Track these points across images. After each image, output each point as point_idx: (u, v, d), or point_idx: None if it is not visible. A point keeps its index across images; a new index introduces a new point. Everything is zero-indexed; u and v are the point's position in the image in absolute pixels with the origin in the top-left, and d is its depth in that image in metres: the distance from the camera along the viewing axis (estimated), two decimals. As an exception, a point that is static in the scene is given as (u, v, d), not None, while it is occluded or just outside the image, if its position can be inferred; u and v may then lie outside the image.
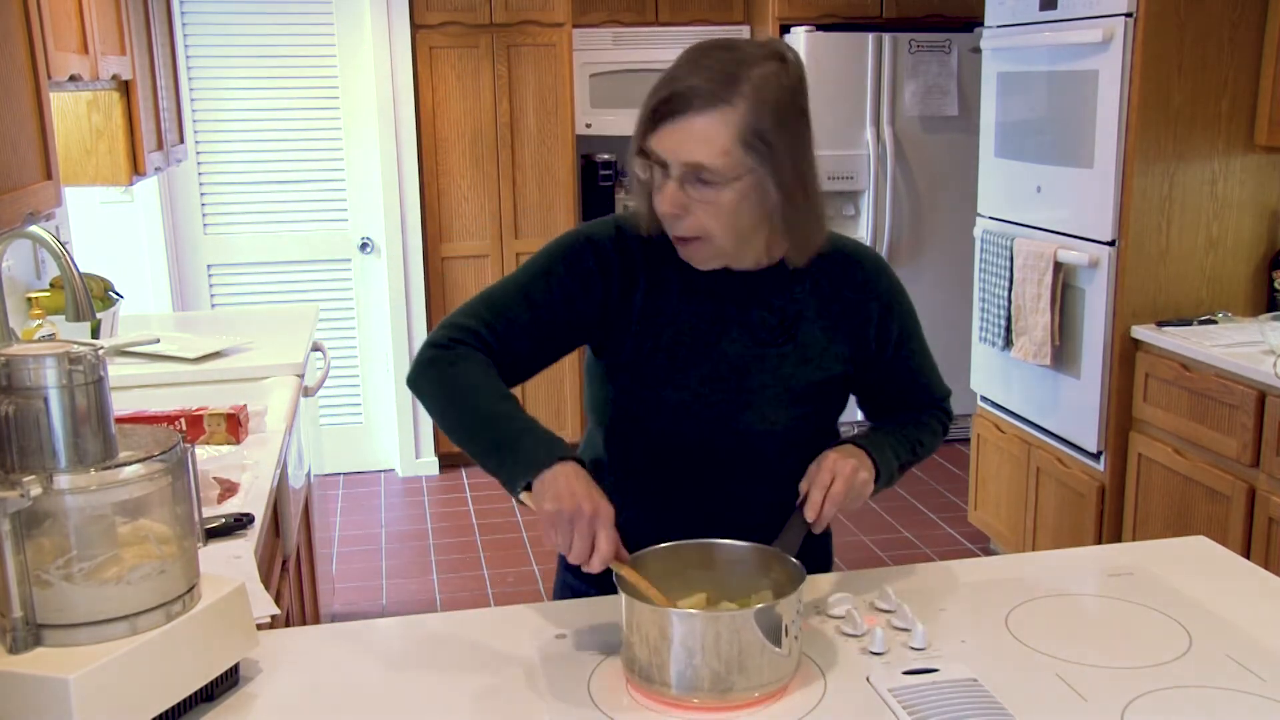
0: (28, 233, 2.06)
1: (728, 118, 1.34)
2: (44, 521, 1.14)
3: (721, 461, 1.52)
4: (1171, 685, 1.27)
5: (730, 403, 1.49)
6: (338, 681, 1.33)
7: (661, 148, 1.36)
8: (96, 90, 2.93)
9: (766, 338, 1.49)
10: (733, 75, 1.34)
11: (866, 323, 1.54)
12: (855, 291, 1.53)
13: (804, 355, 1.50)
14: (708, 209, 1.37)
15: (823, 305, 1.52)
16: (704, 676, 1.21)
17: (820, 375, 1.52)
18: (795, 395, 1.51)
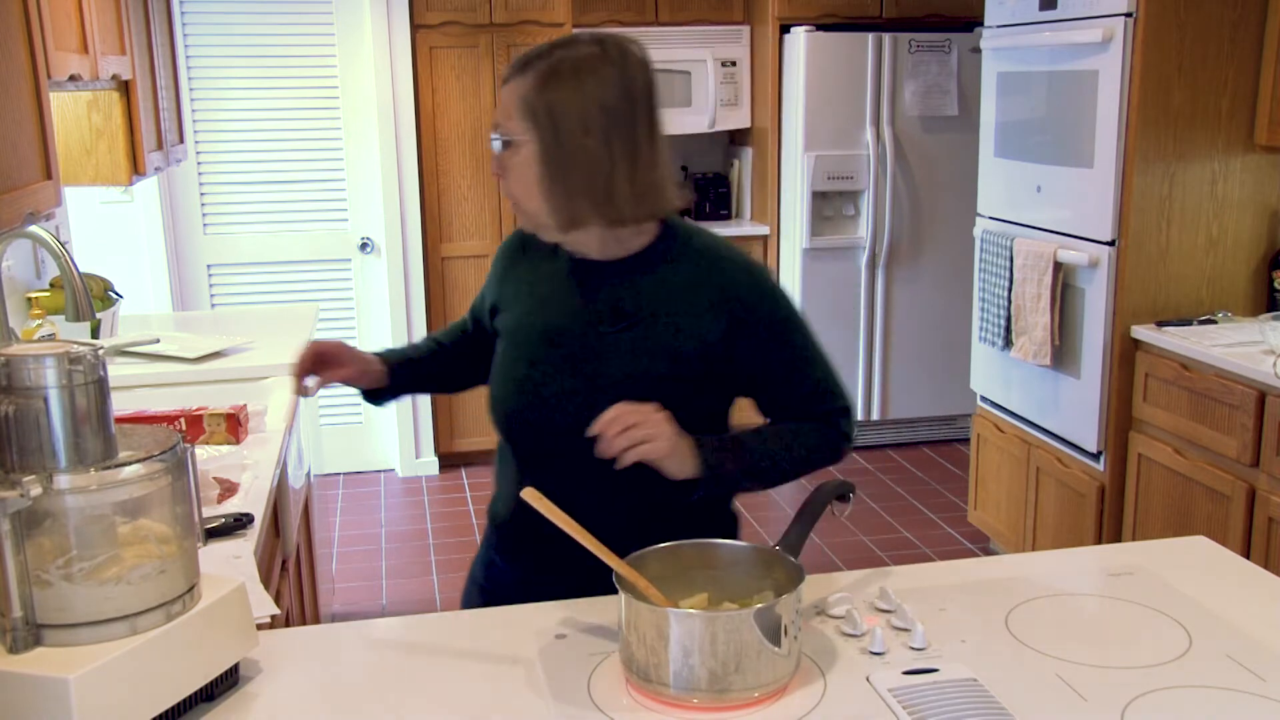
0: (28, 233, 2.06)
1: (519, 86, 1.45)
2: (44, 521, 1.14)
3: (564, 446, 1.53)
4: (1171, 685, 1.27)
5: (568, 387, 1.53)
6: (338, 681, 1.33)
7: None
8: (96, 90, 2.93)
9: (607, 326, 1.53)
10: (543, 52, 1.46)
11: (715, 327, 1.53)
12: (710, 294, 1.53)
13: (642, 346, 1.52)
14: (510, 173, 1.48)
15: (671, 300, 1.53)
16: (701, 676, 1.21)
17: (658, 368, 1.52)
18: (632, 384, 1.50)
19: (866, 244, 5.04)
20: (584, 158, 1.44)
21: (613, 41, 1.47)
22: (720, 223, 5.33)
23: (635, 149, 1.46)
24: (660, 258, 1.55)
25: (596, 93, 1.43)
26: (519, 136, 1.45)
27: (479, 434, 5.08)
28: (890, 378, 5.22)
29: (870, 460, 5.16)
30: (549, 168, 1.45)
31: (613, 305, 1.54)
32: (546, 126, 1.44)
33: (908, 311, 5.17)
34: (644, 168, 1.47)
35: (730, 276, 1.55)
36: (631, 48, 1.47)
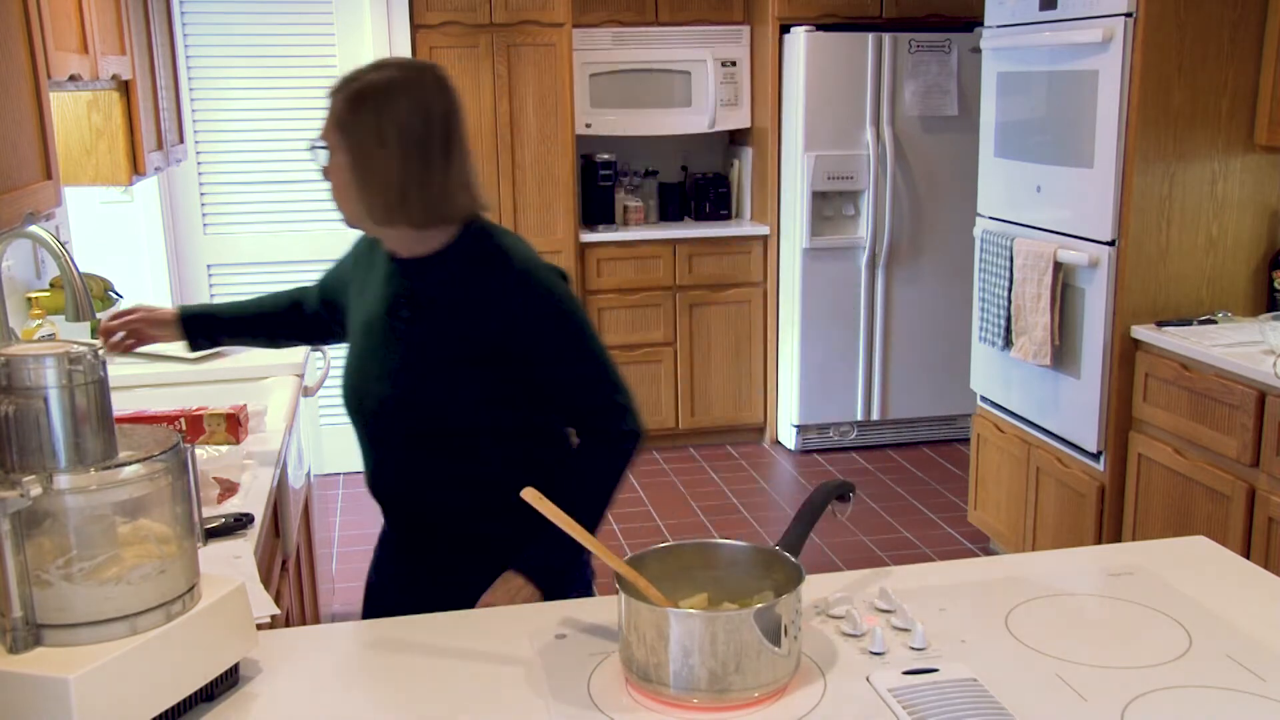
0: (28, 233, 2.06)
1: (334, 104, 1.69)
2: (44, 521, 1.14)
3: (384, 426, 1.77)
4: (1171, 685, 1.27)
5: (368, 373, 1.78)
6: (338, 681, 1.33)
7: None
8: (96, 90, 2.93)
9: (402, 315, 1.75)
10: (355, 76, 1.68)
11: (489, 323, 1.70)
12: (484, 294, 1.71)
13: (428, 336, 1.72)
14: (329, 177, 1.73)
15: (455, 295, 1.72)
16: (701, 676, 1.21)
17: (441, 356, 1.71)
18: (417, 372, 1.72)
19: (866, 244, 5.04)
20: (381, 168, 1.67)
21: (414, 68, 1.71)
22: (720, 223, 5.33)
23: (429, 163, 1.67)
24: (454, 257, 1.73)
25: (393, 114, 1.66)
26: (331, 144, 1.69)
27: (479, 434, 5.08)
28: (890, 378, 5.22)
29: (870, 460, 5.16)
30: (355, 174, 1.68)
31: (407, 297, 1.74)
32: (353, 140, 1.67)
33: (908, 311, 5.17)
34: (437, 179, 1.68)
35: (508, 278, 1.71)
36: (430, 75, 1.71)
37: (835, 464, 5.14)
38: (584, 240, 5.05)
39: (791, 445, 5.27)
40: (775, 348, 5.31)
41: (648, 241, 5.12)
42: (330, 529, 4.48)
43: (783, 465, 5.15)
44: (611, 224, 5.22)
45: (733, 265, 5.23)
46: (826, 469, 5.08)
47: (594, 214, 5.20)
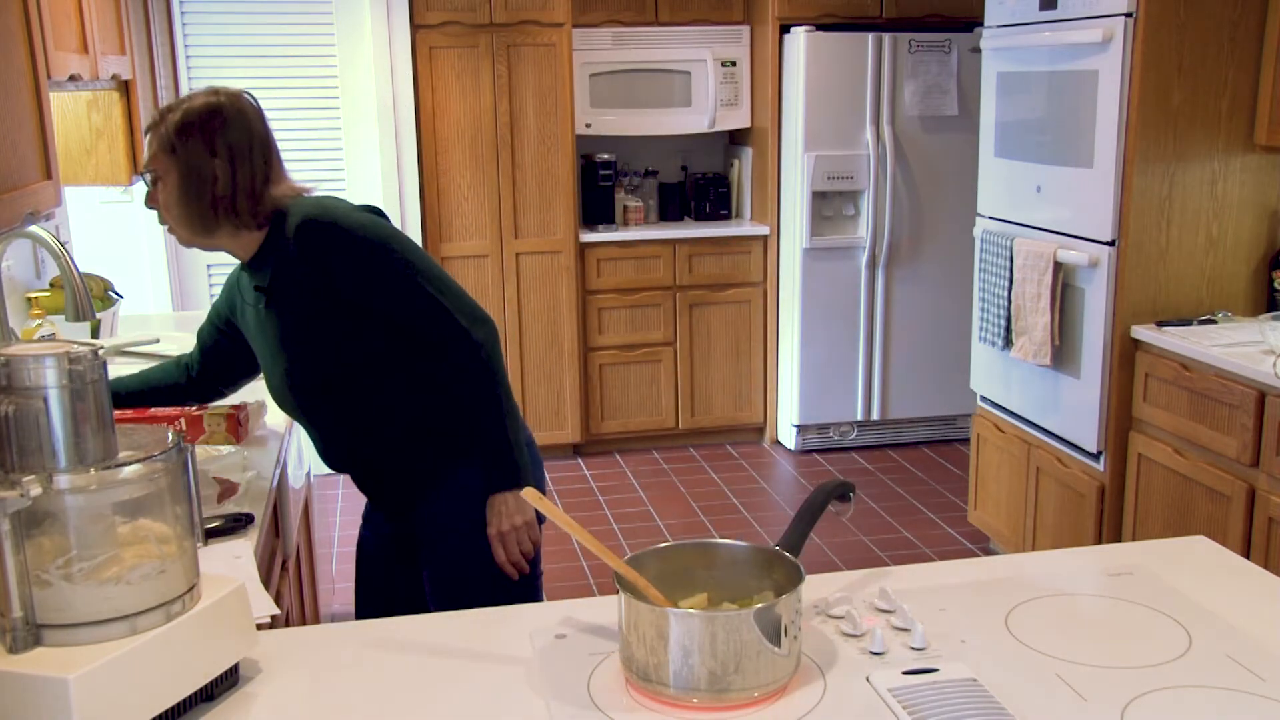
0: (28, 233, 2.06)
1: (160, 133, 1.89)
2: (44, 521, 1.14)
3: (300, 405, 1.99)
4: (1171, 685, 1.27)
5: (271, 365, 1.99)
6: (338, 681, 1.33)
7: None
8: (96, 90, 2.93)
9: (261, 308, 1.96)
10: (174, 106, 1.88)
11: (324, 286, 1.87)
12: (299, 263, 1.89)
13: (282, 316, 1.92)
14: (160, 200, 1.94)
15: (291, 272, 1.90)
16: (701, 676, 1.21)
17: (303, 328, 1.91)
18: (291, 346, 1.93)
19: (866, 244, 5.04)
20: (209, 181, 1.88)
21: (228, 94, 1.91)
22: (720, 223, 5.33)
23: (251, 172, 1.89)
24: (274, 245, 1.92)
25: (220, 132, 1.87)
26: (160, 169, 1.89)
27: (479, 434, 5.08)
28: (890, 378, 5.22)
29: (870, 460, 5.16)
30: (184, 190, 1.89)
31: (264, 290, 1.94)
32: (182, 159, 1.87)
33: (908, 311, 5.17)
34: (259, 185, 1.90)
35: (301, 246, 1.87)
36: (245, 100, 1.92)
37: (835, 464, 5.14)
38: (584, 240, 5.05)
39: (791, 445, 5.28)
40: (775, 348, 5.31)
41: (648, 241, 5.12)
42: (330, 529, 4.48)
43: (783, 465, 5.15)
44: (611, 224, 5.22)
45: (733, 265, 5.23)
46: (826, 469, 5.08)
47: (594, 214, 5.20)
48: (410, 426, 1.97)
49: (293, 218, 1.89)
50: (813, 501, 1.48)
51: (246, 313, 2.03)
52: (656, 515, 4.53)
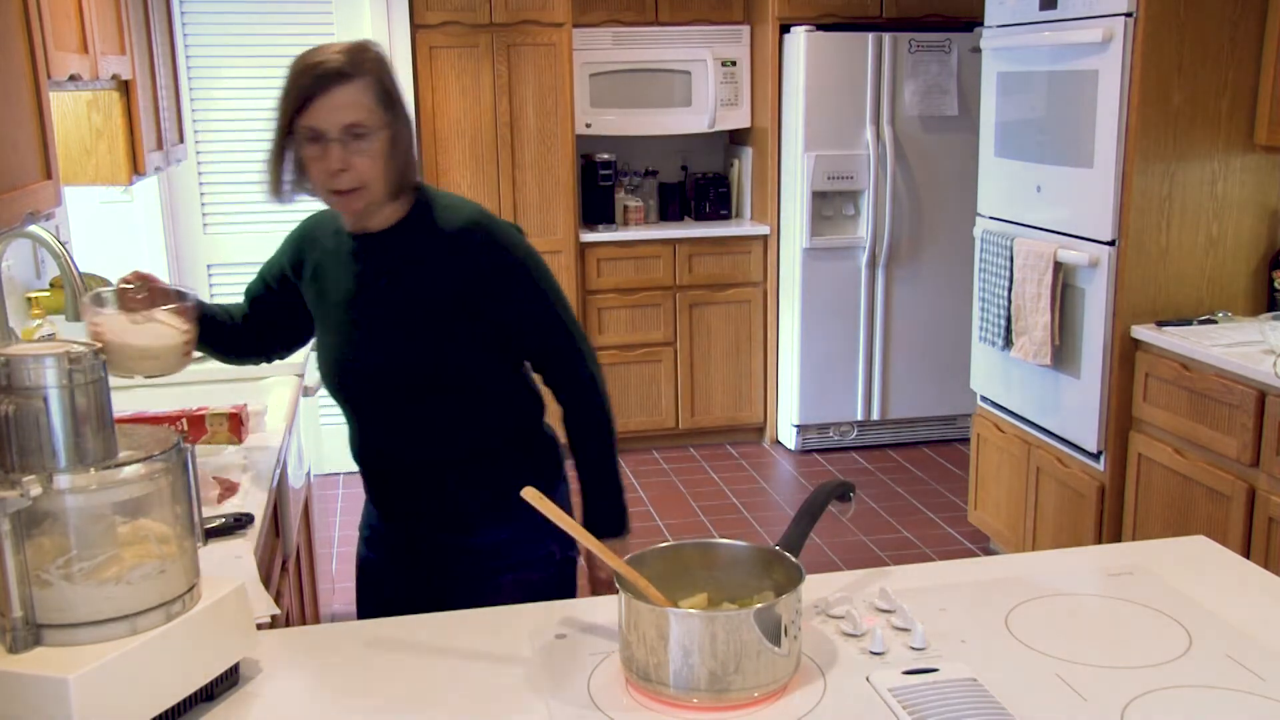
0: (28, 232, 2.06)
1: (362, 85, 1.69)
2: (44, 521, 1.14)
3: (368, 389, 1.84)
4: (1171, 685, 1.27)
5: (356, 340, 1.83)
6: (338, 681, 1.33)
7: (319, 120, 1.69)
8: (96, 90, 2.93)
9: (379, 283, 1.80)
10: (348, 56, 1.70)
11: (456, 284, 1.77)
12: (449, 253, 1.78)
13: (404, 302, 1.79)
14: (363, 159, 1.70)
15: (429, 254, 1.79)
16: (701, 676, 1.21)
17: (425, 313, 1.78)
18: (405, 328, 1.78)
19: (866, 244, 5.04)
20: (409, 135, 1.77)
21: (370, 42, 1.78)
22: (720, 223, 5.33)
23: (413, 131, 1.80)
24: (415, 222, 1.80)
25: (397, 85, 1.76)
26: (377, 128, 1.70)
27: (479, 434, 5.08)
28: (890, 378, 5.22)
29: (870, 460, 5.16)
30: (397, 147, 1.73)
31: (385, 266, 1.80)
32: (398, 113, 1.73)
33: (908, 311, 5.17)
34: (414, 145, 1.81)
35: (471, 235, 1.79)
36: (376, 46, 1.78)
37: (835, 464, 5.14)
38: (584, 240, 5.05)
39: (791, 445, 5.28)
40: (775, 347, 5.31)
41: (648, 241, 5.12)
42: (330, 529, 4.48)
43: (783, 465, 5.15)
44: (611, 224, 5.22)
45: (733, 265, 5.23)
46: (826, 469, 5.08)
47: (594, 214, 5.20)
48: (480, 446, 1.85)
49: (448, 211, 1.81)
50: (813, 501, 1.48)
51: (332, 280, 1.86)
52: (656, 515, 4.53)
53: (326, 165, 1.70)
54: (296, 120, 1.72)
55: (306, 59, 1.73)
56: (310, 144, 1.71)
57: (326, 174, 1.71)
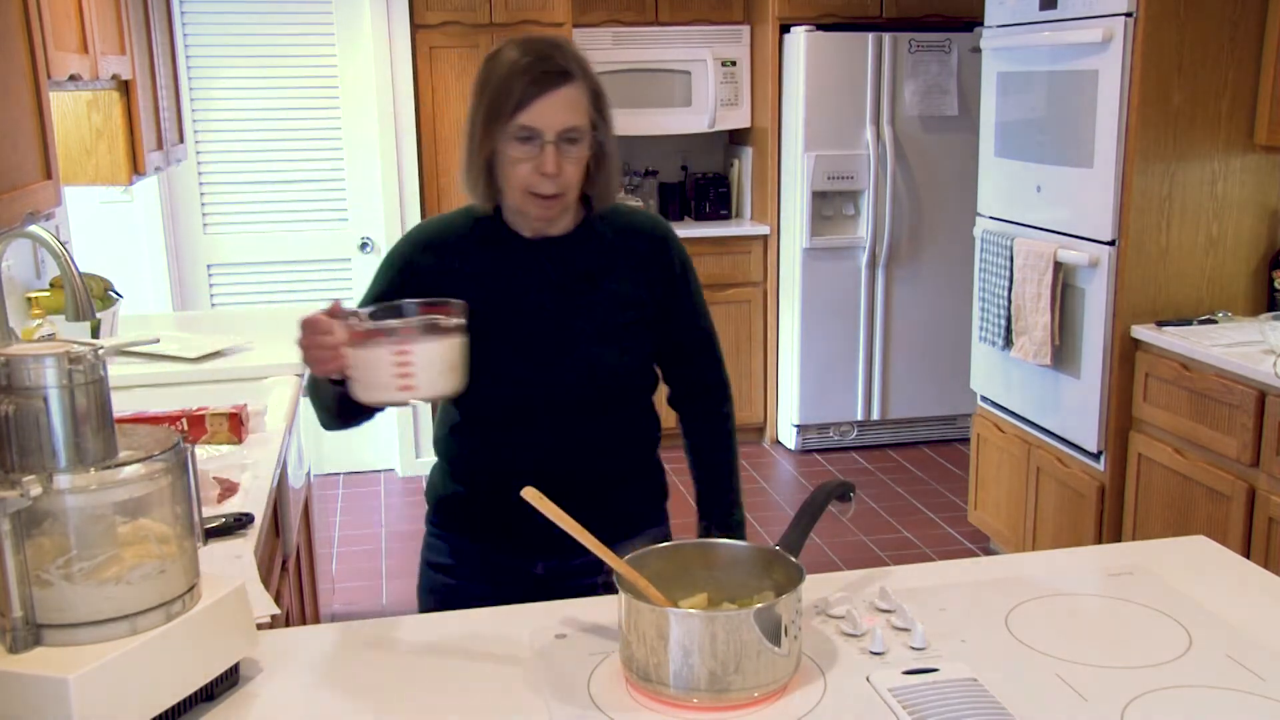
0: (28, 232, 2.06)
1: (580, 87, 1.63)
2: (44, 521, 1.14)
3: (555, 402, 1.71)
4: (1171, 685, 1.27)
5: (555, 347, 1.70)
6: (338, 681, 1.33)
7: (537, 120, 1.60)
8: (96, 90, 2.93)
9: (576, 289, 1.72)
10: (565, 55, 1.63)
11: (657, 279, 1.77)
12: (648, 248, 1.77)
13: (608, 300, 1.73)
14: (571, 165, 1.63)
15: (619, 258, 1.75)
16: (701, 676, 1.21)
17: (624, 318, 1.73)
18: (606, 335, 1.72)
19: (866, 244, 5.04)
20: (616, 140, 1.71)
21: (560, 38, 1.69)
22: (720, 222, 5.33)
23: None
24: (599, 224, 1.75)
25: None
26: (588, 131, 1.63)
27: (479, 434, 5.08)
28: (890, 378, 5.22)
29: (870, 460, 5.16)
30: (606, 152, 1.67)
31: (579, 271, 1.72)
32: (607, 116, 1.67)
33: (908, 311, 5.17)
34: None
35: (656, 238, 1.79)
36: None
37: (835, 464, 5.14)
38: (584, 240, 5.05)
39: (791, 445, 5.27)
40: (775, 348, 5.31)
41: (648, 241, 5.11)
42: (330, 529, 4.48)
43: (783, 465, 5.15)
44: (611, 224, 5.21)
45: (733, 265, 5.23)
46: (826, 469, 5.07)
47: (594, 214, 5.19)
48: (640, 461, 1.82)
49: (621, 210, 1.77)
50: (813, 501, 1.48)
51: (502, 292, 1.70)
52: (656, 515, 4.53)
53: (539, 167, 1.61)
54: (511, 119, 1.61)
55: (522, 55, 1.62)
56: (520, 144, 1.61)
57: (535, 176, 1.62)
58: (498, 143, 1.64)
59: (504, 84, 1.62)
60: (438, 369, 1.49)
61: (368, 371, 1.47)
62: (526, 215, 1.70)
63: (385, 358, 1.45)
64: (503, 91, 1.62)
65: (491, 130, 1.64)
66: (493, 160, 1.67)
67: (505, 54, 1.64)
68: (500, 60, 1.64)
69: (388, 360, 1.45)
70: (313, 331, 1.48)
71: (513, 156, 1.63)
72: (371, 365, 1.46)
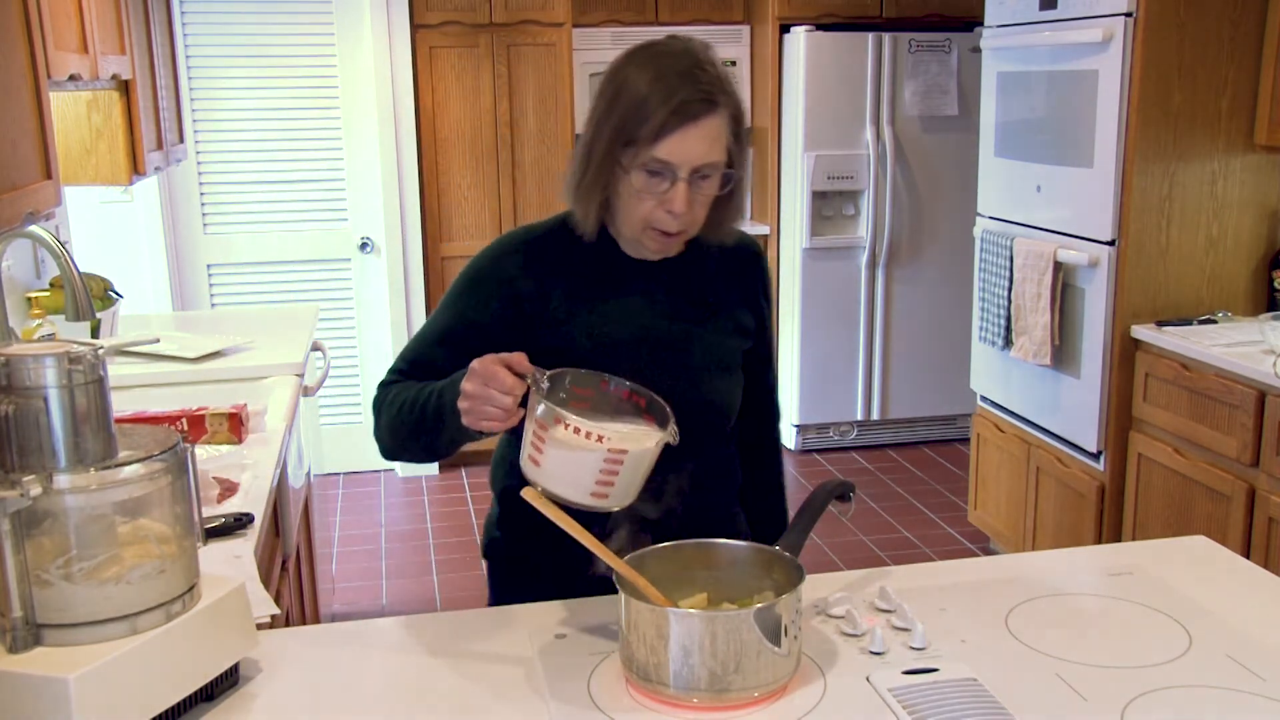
0: (28, 232, 2.06)
1: (723, 116, 1.46)
2: (44, 521, 1.14)
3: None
4: (1171, 685, 1.27)
5: (672, 378, 1.53)
6: (338, 681, 1.33)
7: (672, 155, 1.43)
8: (96, 90, 2.93)
9: (695, 313, 1.60)
10: (711, 77, 1.45)
11: (758, 298, 1.69)
12: (743, 267, 1.67)
13: (725, 327, 1.63)
14: (701, 201, 1.49)
15: (730, 281, 1.65)
16: (701, 676, 1.21)
17: (741, 344, 1.66)
18: (724, 365, 1.63)
19: (866, 244, 5.04)
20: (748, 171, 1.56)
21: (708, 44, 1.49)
22: (720, 223, 5.32)
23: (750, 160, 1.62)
24: (702, 242, 1.60)
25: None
26: (722, 166, 1.48)
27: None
28: (890, 378, 5.22)
29: (870, 460, 5.16)
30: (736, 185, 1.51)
31: (696, 295, 1.60)
32: (744, 146, 1.51)
33: (908, 311, 5.17)
34: None
35: (757, 256, 1.70)
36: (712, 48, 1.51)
37: (835, 464, 5.14)
38: (584, 240, 5.05)
39: (791, 445, 5.27)
40: (775, 347, 5.31)
41: (648, 241, 5.11)
42: (330, 529, 4.48)
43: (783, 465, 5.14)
44: (611, 224, 5.21)
45: (733, 265, 5.22)
46: (826, 469, 5.07)
47: (594, 214, 5.19)
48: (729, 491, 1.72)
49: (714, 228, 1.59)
50: (813, 501, 1.48)
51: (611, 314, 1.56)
52: (656, 515, 4.53)
53: (666, 203, 1.45)
54: (644, 149, 1.43)
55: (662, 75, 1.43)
56: (649, 176, 1.44)
57: (660, 212, 1.46)
58: (622, 168, 1.46)
59: (639, 107, 1.43)
60: (635, 483, 1.31)
61: (563, 466, 1.27)
62: (640, 245, 1.55)
63: (592, 462, 1.25)
64: (637, 115, 1.43)
65: (618, 155, 1.46)
66: (611, 182, 1.49)
67: (642, 69, 1.45)
68: (637, 76, 1.45)
69: (593, 465, 1.25)
70: (489, 384, 1.30)
71: (638, 189, 1.46)
72: (572, 463, 1.26)
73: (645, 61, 1.46)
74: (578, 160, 1.51)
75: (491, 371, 1.31)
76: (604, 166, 1.47)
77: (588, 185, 1.50)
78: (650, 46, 1.48)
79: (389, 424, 1.51)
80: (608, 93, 1.47)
